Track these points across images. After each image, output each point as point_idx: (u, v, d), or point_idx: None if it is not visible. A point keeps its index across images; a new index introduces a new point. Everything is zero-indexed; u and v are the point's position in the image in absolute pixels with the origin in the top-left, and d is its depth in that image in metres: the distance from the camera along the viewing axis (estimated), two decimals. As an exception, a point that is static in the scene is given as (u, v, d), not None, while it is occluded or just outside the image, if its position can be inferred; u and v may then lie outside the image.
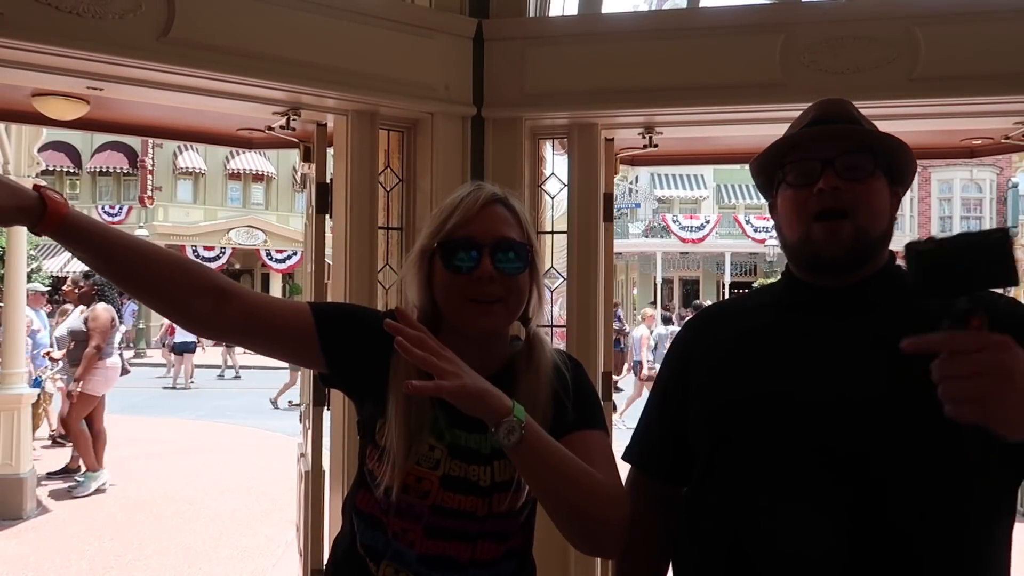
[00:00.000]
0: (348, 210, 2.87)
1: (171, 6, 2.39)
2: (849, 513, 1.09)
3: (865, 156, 1.17)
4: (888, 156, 1.21)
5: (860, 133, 1.20)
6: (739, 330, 1.30)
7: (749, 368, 1.23)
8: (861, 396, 1.11)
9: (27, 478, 5.94)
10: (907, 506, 1.08)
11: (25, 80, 2.66)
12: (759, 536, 1.15)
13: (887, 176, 1.20)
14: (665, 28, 3.04)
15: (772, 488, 1.16)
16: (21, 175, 5.99)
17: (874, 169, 1.17)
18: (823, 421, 1.12)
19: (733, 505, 1.19)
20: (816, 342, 1.18)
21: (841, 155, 1.16)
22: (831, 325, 1.18)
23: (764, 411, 1.17)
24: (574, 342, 3.06)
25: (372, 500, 1.28)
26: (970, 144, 3.59)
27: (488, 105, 3.02)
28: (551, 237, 3.25)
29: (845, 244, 1.15)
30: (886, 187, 1.19)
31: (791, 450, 1.14)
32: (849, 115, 1.24)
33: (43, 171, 6.59)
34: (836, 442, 1.11)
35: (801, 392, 1.15)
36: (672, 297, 26.20)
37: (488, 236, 1.25)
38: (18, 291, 5.97)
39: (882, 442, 1.09)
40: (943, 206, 25.49)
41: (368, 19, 2.78)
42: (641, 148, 3.23)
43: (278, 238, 25.77)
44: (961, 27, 2.70)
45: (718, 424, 1.24)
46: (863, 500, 1.09)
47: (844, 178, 1.15)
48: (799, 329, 1.22)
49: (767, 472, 1.16)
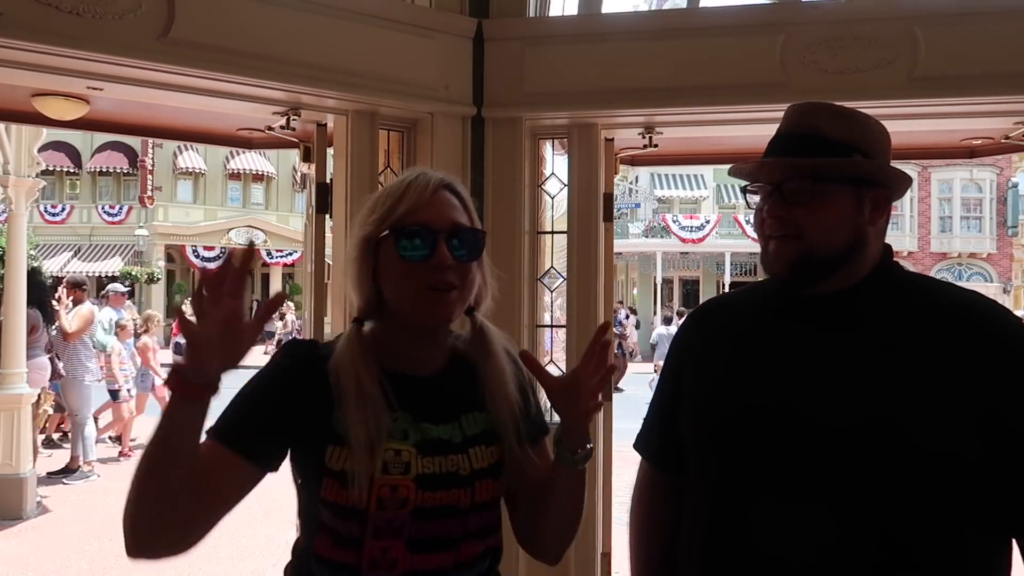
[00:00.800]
0: (348, 210, 2.86)
1: (171, 6, 2.39)
2: (834, 525, 1.12)
3: (806, 180, 1.18)
4: (839, 167, 1.21)
5: (793, 166, 1.20)
6: (727, 334, 1.32)
7: (730, 378, 1.26)
8: (837, 420, 1.13)
9: (27, 478, 5.94)
10: (899, 529, 1.10)
11: (25, 80, 2.66)
12: (728, 542, 1.21)
13: (855, 184, 1.20)
14: (665, 28, 3.04)
15: (740, 500, 1.20)
16: (21, 175, 6.00)
17: (816, 189, 1.18)
18: (792, 439, 1.15)
19: (707, 511, 1.25)
20: (798, 355, 1.21)
21: (787, 179, 1.19)
22: (812, 337, 1.21)
23: (741, 425, 1.21)
24: (574, 342, 3.06)
25: (331, 544, 1.18)
26: (970, 144, 3.58)
27: (488, 105, 3.02)
28: (551, 237, 3.25)
29: (789, 263, 1.19)
30: (849, 198, 1.19)
31: (756, 463, 1.18)
32: (809, 127, 1.23)
33: (43, 171, 6.59)
34: (799, 460, 1.15)
35: (776, 406, 1.18)
36: (672, 297, 26.18)
37: (442, 222, 1.19)
38: (18, 291, 5.96)
39: (855, 466, 1.11)
40: (943, 206, 25.46)
41: (368, 19, 2.78)
42: (641, 148, 3.23)
43: (278, 238, 25.77)
44: (961, 27, 2.70)
45: (699, 432, 1.29)
46: (844, 516, 1.11)
47: (790, 202, 1.18)
48: (782, 339, 1.24)
49: (735, 484, 1.21)
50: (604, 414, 3.10)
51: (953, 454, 1.08)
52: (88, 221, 25.51)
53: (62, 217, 25.25)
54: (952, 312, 1.16)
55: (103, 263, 24.62)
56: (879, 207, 1.21)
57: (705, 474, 1.27)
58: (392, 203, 1.21)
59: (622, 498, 3.39)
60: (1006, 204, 25.26)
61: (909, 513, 1.10)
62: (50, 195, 24.60)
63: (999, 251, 25.28)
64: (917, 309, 1.18)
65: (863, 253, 1.21)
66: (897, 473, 1.09)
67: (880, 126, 1.27)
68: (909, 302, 1.19)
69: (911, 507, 1.10)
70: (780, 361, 1.21)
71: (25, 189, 6.05)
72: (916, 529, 1.11)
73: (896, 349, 1.14)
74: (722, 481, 1.23)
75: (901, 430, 1.09)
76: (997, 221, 25.25)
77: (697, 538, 1.26)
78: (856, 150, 1.21)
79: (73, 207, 25.46)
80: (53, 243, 24.44)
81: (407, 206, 1.20)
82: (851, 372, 1.15)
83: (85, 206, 25.61)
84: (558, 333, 3.23)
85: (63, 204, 25.40)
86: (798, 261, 1.19)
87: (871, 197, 1.21)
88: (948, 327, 1.14)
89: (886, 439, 1.09)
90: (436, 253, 1.17)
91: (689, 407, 1.32)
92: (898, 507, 1.10)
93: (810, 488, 1.13)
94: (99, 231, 25.34)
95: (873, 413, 1.11)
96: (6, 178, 5.93)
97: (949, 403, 1.09)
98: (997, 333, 1.14)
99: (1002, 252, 25.27)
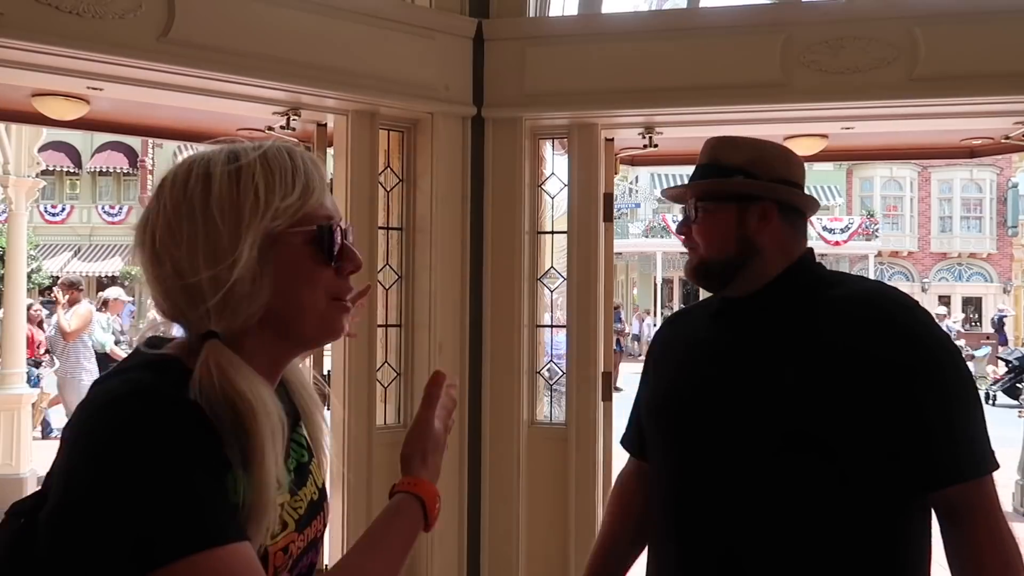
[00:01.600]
0: (348, 210, 2.87)
1: (171, 6, 2.39)
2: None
3: (695, 202, 1.39)
4: (709, 190, 1.40)
5: (677, 193, 1.45)
6: (682, 336, 1.52)
7: (676, 375, 1.45)
8: (725, 411, 1.30)
9: (27, 478, 5.94)
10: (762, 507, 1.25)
11: (25, 80, 2.66)
12: (669, 518, 1.39)
13: (737, 200, 1.37)
14: (665, 28, 3.04)
15: (671, 480, 1.38)
16: (21, 175, 6.00)
17: (698, 209, 1.38)
18: (692, 428, 1.34)
19: (656, 489, 1.44)
20: (710, 350, 1.39)
21: (690, 202, 1.41)
22: (722, 335, 1.39)
23: (666, 414, 1.43)
24: (574, 342, 3.06)
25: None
26: (970, 144, 3.58)
27: (488, 105, 3.02)
28: (551, 237, 3.25)
29: (691, 271, 1.42)
30: (730, 214, 1.36)
31: (675, 449, 1.38)
32: (709, 156, 1.42)
33: (43, 171, 6.59)
34: (695, 448, 1.33)
35: (688, 398, 1.38)
36: (672, 297, 26.19)
37: (341, 218, 0.96)
38: (18, 291, 5.96)
39: (740, 454, 1.27)
40: (943, 206, 25.45)
41: (368, 19, 2.78)
42: (641, 148, 3.23)
43: (278, 238, 25.77)
44: (961, 27, 2.70)
45: (647, 421, 1.49)
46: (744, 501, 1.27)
47: (688, 221, 1.41)
48: (707, 338, 1.42)
49: (667, 466, 1.40)
50: (604, 414, 3.11)
51: (841, 438, 1.21)
52: (88, 221, 25.52)
53: (62, 217, 25.26)
54: (852, 303, 1.29)
55: (103, 263, 24.63)
56: (767, 218, 1.35)
57: (652, 457, 1.47)
58: (301, 190, 0.92)
59: (622, 498, 3.37)
60: (1006, 204, 25.25)
61: (803, 499, 1.22)
62: (50, 195, 24.61)
63: (999, 251, 25.28)
64: (818, 303, 1.31)
65: (759, 259, 1.35)
66: (781, 458, 1.23)
67: (779, 150, 1.42)
68: (812, 297, 1.33)
69: (804, 492, 1.22)
70: (701, 357, 1.40)
71: (25, 189, 6.04)
72: (813, 515, 1.22)
73: (791, 341, 1.29)
74: (663, 463, 1.42)
75: (787, 419, 1.23)
76: (997, 221, 25.24)
77: (655, 512, 1.44)
78: (740, 171, 1.37)
79: (73, 207, 25.47)
80: (53, 243, 24.46)
81: (317, 197, 0.94)
82: (744, 364, 1.31)
83: (85, 206, 25.61)
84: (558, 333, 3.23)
85: (63, 204, 25.42)
86: (697, 269, 1.41)
87: (756, 210, 1.35)
88: (846, 317, 1.27)
89: (770, 428, 1.24)
90: (351, 257, 0.97)
91: (646, 400, 1.52)
92: (791, 493, 1.23)
93: (708, 474, 1.31)
94: (99, 231, 25.35)
95: (759, 403, 1.26)
96: (6, 178, 5.93)
97: (835, 390, 1.21)
98: (893, 320, 1.24)
99: (1002, 252, 25.27)
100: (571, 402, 3.06)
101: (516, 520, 2.98)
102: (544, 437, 3.10)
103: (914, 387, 1.19)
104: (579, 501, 3.01)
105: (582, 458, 3.02)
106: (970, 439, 1.21)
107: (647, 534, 1.48)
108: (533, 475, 3.05)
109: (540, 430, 3.13)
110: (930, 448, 1.19)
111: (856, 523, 1.22)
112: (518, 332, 3.04)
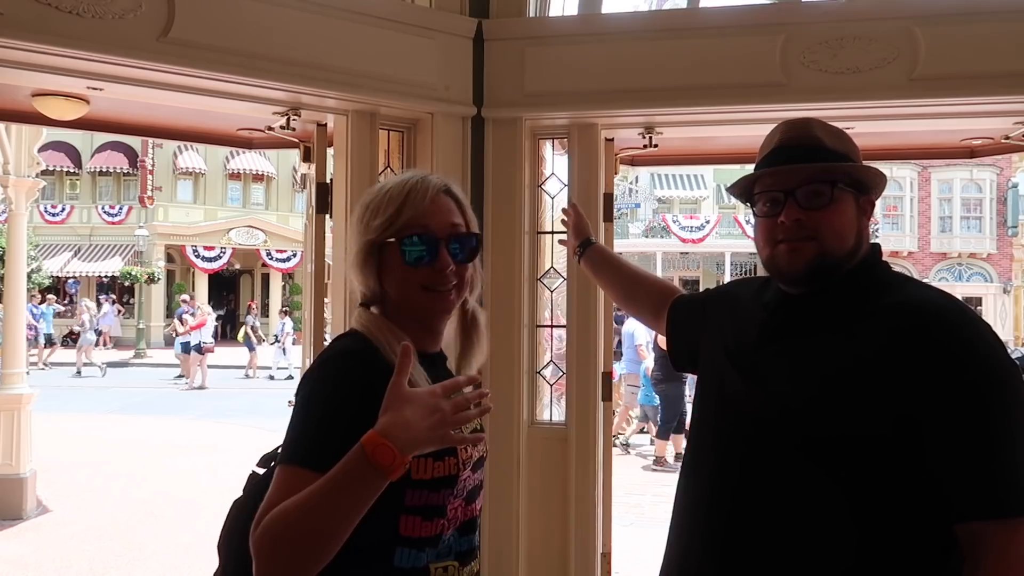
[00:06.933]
0: (348, 210, 2.86)
1: (171, 6, 2.39)
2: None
3: (824, 185, 1.25)
4: (850, 173, 1.28)
5: (813, 170, 1.26)
6: (728, 319, 1.46)
7: (719, 358, 1.41)
8: (758, 408, 1.28)
9: (27, 478, 5.94)
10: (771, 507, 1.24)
11: (25, 80, 2.66)
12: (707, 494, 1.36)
13: (854, 188, 1.27)
14: (665, 28, 3.04)
15: (697, 470, 1.39)
16: (21, 175, 6.00)
17: (833, 193, 1.24)
18: (727, 418, 1.33)
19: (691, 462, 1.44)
20: (763, 348, 1.33)
21: (801, 185, 1.25)
22: (775, 332, 1.32)
23: (708, 395, 1.42)
24: (574, 342, 3.06)
25: (421, 522, 1.22)
26: (970, 144, 3.58)
27: (488, 105, 3.02)
28: (551, 237, 3.25)
29: (806, 262, 1.26)
30: (852, 203, 1.27)
31: (708, 430, 1.39)
32: (811, 138, 1.29)
33: (43, 171, 6.59)
34: (728, 437, 1.32)
35: (731, 386, 1.35)
36: (672, 297, 26.16)
37: (443, 229, 1.30)
38: (18, 291, 5.96)
39: (762, 447, 1.26)
40: (943, 206, 25.44)
41: (368, 19, 2.78)
42: (641, 148, 3.23)
43: (278, 238, 25.77)
44: (961, 27, 2.70)
45: (695, 399, 1.50)
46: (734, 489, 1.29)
47: (805, 207, 1.25)
48: (758, 337, 1.34)
49: (696, 449, 1.42)
50: (604, 414, 3.11)
51: (861, 450, 1.16)
52: (88, 221, 25.51)
53: (62, 217, 25.25)
54: (905, 312, 1.20)
55: (103, 263, 24.62)
56: (867, 212, 1.29)
57: (696, 436, 1.47)
58: (395, 209, 1.29)
59: (622, 498, 3.45)
60: (1006, 204, 25.23)
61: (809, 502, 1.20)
62: (50, 195, 24.59)
63: (999, 251, 25.27)
64: (876, 309, 1.23)
65: (856, 255, 1.28)
66: (795, 459, 1.21)
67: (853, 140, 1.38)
68: (867, 302, 1.24)
69: (813, 496, 1.20)
70: (752, 354, 1.34)
71: (25, 189, 6.05)
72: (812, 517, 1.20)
73: (838, 345, 1.22)
74: (700, 455, 1.41)
75: (816, 423, 1.19)
76: (997, 221, 25.23)
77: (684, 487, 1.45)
78: (850, 159, 1.28)
79: (73, 207, 25.45)
80: (53, 243, 24.44)
81: (410, 213, 1.28)
82: (791, 365, 1.27)
83: (85, 206, 25.60)
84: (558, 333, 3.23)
85: (63, 204, 25.40)
86: (814, 262, 1.25)
87: (865, 202, 1.29)
88: (895, 327, 1.18)
89: (796, 428, 1.21)
90: (438, 258, 1.28)
91: (699, 387, 1.48)
92: (801, 493, 1.20)
93: (730, 462, 1.30)
94: (99, 231, 25.34)
95: (789, 403, 1.22)
96: (6, 178, 5.93)
97: (866, 401, 1.15)
98: (942, 335, 1.16)
99: (1002, 252, 25.26)
100: (571, 402, 3.06)
101: (516, 520, 2.98)
102: (544, 437, 3.10)
103: (959, 408, 1.10)
104: (579, 501, 3.00)
105: (582, 458, 3.02)
106: (1009, 476, 1.09)
107: (631, 295, 1.84)
108: (533, 475, 3.05)
109: (540, 430, 3.13)
110: (962, 477, 1.10)
111: (872, 543, 1.15)
112: (518, 332, 3.04)
